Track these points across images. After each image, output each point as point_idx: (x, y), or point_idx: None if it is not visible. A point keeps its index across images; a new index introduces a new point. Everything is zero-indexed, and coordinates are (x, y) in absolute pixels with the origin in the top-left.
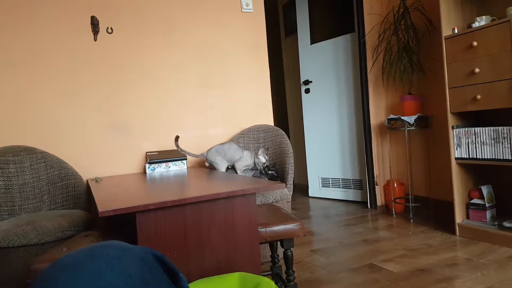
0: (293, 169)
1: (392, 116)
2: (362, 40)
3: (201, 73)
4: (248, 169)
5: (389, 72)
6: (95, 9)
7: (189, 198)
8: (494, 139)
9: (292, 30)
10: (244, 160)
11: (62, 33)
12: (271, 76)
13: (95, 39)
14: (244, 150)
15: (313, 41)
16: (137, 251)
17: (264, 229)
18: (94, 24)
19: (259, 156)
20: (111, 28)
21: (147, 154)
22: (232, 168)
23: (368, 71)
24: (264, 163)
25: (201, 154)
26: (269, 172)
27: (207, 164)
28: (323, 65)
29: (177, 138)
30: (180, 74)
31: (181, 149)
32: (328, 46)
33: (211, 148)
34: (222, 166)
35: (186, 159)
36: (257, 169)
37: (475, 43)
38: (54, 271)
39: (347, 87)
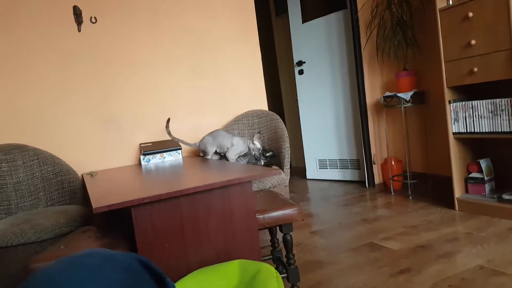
0: (289, 153)
1: (387, 93)
2: (354, 17)
3: (191, 60)
4: (241, 156)
5: (383, 48)
6: None
7: (184, 189)
8: (492, 112)
9: (282, 9)
10: (236, 148)
11: (44, 25)
12: (263, 58)
13: (79, 30)
14: (234, 136)
15: (305, 19)
16: (120, 259)
17: (262, 216)
18: (77, 14)
19: (254, 142)
20: (95, 18)
21: (141, 145)
22: (224, 157)
23: (362, 48)
24: (259, 149)
25: (194, 143)
26: (267, 154)
27: (201, 154)
28: (315, 44)
29: (168, 121)
30: (169, 63)
31: (173, 136)
32: (320, 24)
33: (202, 138)
34: (211, 152)
35: (181, 148)
36: (251, 154)
37: (470, 14)
38: (32, 285)
39: (341, 66)
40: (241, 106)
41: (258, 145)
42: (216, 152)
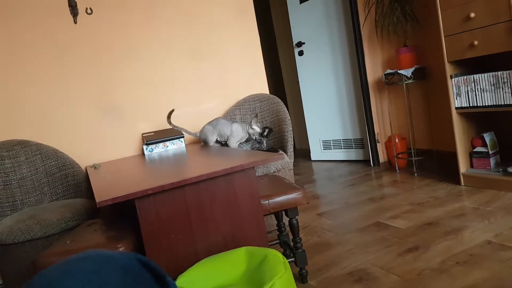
0: (292, 136)
1: (389, 70)
2: None
3: (189, 46)
4: (243, 142)
5: (383, 25)
6: None
7: (188, 179)
8: (494, 85)
9: None
10: (236, 135)
11: (39, 19)
12: (262, 41)
13: (75, 22)
14: (233, 123)
15: None
16: (119, 260)
17: (267, 201)
18: (72, 6)
19: (253, 127)
20: (90, 9)
21: (143, 135)
22: (225, 144)
23: (361, 26)
24: (259, 132)
25: (195, 133)
26: (265, 133)
27: (202, 143)
28: (314, 24)
29: (171, 112)
30: (167, 50)
31: (174, 125)
32: (318, 4)
33: (202, 128)
34: (212, 141)
35: (183, 136)
36: (253, 139)
37: None
38: None
39: (341, 45)
40: (241, 90)
41: (257, 129)
42: (217, 141)
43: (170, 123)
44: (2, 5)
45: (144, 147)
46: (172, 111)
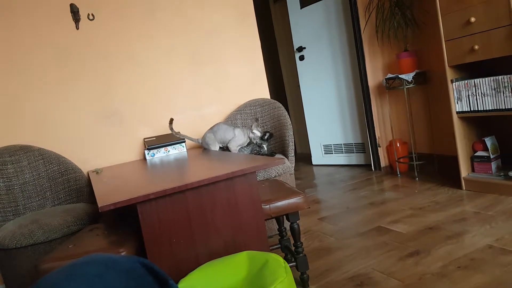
0: (293, 141)
1: (389, 75)
2: None
3: (190, 51)
4: (243, 147)
5: (383, 30)
6: None
7: (189, 183)
8: (494, 89)
9: None
10: (237, 139)
11: (42, 25)
12: (263, 46)
13: (77, 28)
14: (236, 128)
15: (303, 4)
16: (123, 263)
17: (268, 206)
18: (74, 12)
19: (254, 131)
20: (92, 15)
21: (145, 140)
22: (227, 149)
23: (362, 31)
24: (260, 137)
25: (197, 139)
26: (265, 137)
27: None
28: (315, 29)
29: (171, 121)
30: (168, 55)
31: (175, 132)
32: (319, 9)
33: (203, 135)
34: (214, 148)
35: (184, 141)
36: (254, 143)
37: None
38: None
39: (342, 50)
40: (242, 95)
41: (257, 133)
42: (219, 147)
43: (171, 129)
44: (3, 10)
45: (146, 152)
46: (172, 120)
